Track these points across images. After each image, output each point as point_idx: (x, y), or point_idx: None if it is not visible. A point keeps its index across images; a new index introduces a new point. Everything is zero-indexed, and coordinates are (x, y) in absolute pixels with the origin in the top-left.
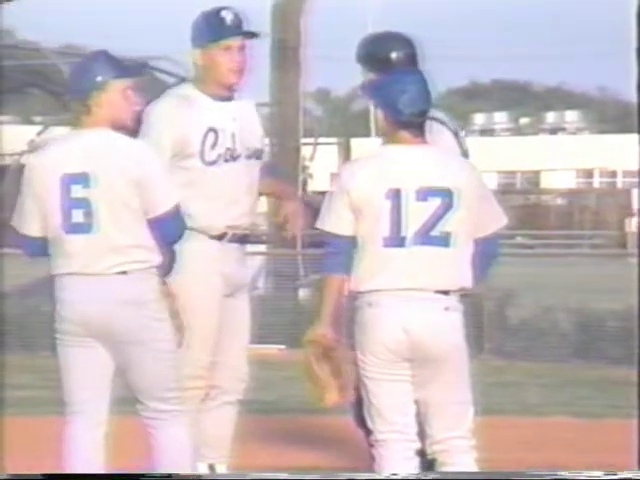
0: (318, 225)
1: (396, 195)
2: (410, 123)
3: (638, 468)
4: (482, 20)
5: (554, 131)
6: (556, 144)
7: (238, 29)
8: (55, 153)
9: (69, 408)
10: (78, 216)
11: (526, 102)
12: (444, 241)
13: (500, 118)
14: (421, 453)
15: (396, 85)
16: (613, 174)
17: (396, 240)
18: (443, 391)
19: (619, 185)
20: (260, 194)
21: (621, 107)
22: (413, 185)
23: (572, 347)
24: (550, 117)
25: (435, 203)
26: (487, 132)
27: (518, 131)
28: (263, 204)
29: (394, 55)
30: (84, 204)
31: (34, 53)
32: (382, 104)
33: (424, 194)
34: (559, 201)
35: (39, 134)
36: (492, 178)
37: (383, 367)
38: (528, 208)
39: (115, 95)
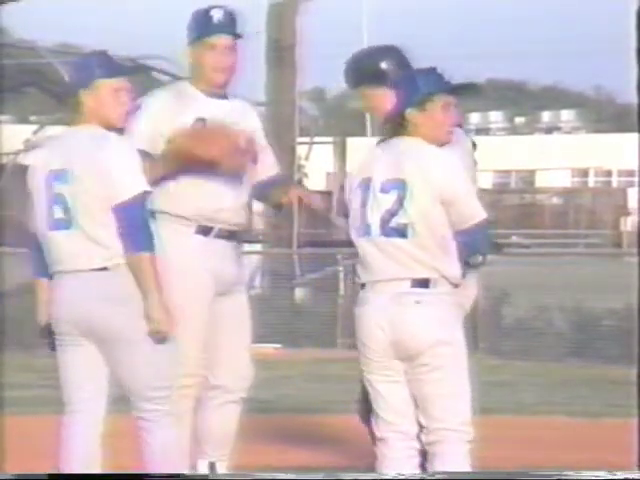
0: None
1: (366, 186)
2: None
3: (638, 468)
4: (477, 19)
5: (549, 130)
6: (551, 143)
7: (224, 28)
8: (44, 151)
9: (67, 407)
10: (58, 212)
11: (521, 101)
12: (401, 232)
13: (495, 117)
14: (423, 452)
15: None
16: (608, 173)
17: (363, 230)
18: (431, 384)
19: (614, 184)
20: (258, 199)
21: (617, 106)
22: (379, 176)
23: (568, 346)
24: (545, 116)
25: (394, 195)
26: (482, 131)
27: (513, 130)
28: (259, 204)
29: (384, 66)
30: (62, 200)
31: (30, 52)
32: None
33: (386, 185)
34: (554, 200)
35: (35, 133)
36: (487, 177)
37: (375, 367)
38: (523, 207)
39: (103, 94)
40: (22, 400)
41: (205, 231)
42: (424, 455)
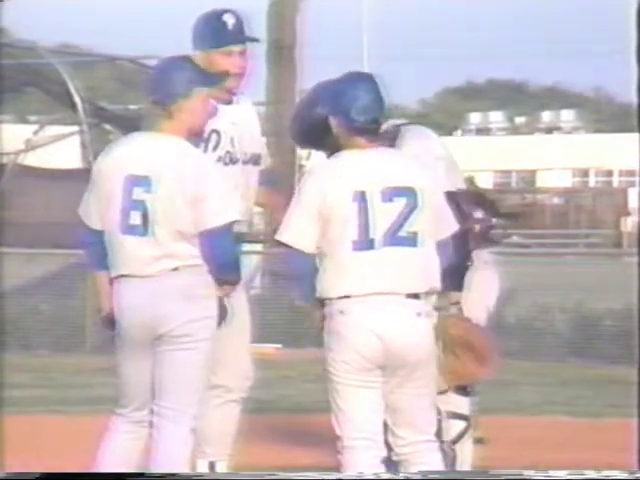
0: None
1: (362, 197)
2: (364, 130)
3: (638, 468)
4: (477, 19)
5: (550, 130)
6: (552, 143)
7: (240, 35)
8: (122, 153)
9: (121, 411)
10: (135, 218)
11: (522, 101)
12: (412, 241)
13: (496, 117)
14: (386, 460)
15: (349, 92)
16: (609, 173)
17: (365, 243)
18: (415, 396)
19: (615, 184)
20: (256, 204)
21: (617, 106)
22: (377, 186)
23: (569, 346)
24: (546, 116)
25: (401, 203)
26: (483, 131)
27: (514, 130)
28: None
29: None
30: (141, 207)
31: (30, 52)
32: (335, 111)
33: (389, 194)
34: (555, 200)
35: (35, 133)
36: (488, 177)
37: (356, 374)
38: (524, 207)
39: (197, 103)
40: (22, 400)
41: None
42: (387, 462)
